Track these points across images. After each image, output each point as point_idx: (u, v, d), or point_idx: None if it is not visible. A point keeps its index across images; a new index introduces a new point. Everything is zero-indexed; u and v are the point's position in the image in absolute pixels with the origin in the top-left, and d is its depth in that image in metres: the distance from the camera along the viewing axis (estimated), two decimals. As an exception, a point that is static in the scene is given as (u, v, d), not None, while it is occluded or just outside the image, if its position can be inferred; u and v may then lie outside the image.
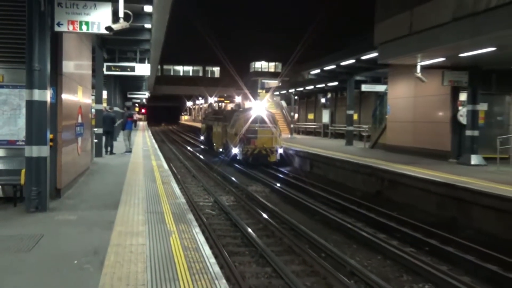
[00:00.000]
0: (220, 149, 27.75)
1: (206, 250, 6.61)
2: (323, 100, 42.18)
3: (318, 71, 31.44)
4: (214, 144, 30.26)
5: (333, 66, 27.68)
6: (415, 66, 17.39)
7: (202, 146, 36.65)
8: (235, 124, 23.92)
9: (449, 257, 9.44)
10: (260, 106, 25.31)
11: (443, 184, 12.85)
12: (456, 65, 17.61)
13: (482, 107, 18.48)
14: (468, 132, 17.81)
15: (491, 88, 19.43)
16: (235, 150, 23.44)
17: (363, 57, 22.61)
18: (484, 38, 13.01)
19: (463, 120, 18.44)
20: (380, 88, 27.63)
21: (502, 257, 9.03)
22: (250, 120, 23.38)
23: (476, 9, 12.98)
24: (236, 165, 24.03)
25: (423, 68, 17.47)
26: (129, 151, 21.64)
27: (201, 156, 28.94)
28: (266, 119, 23.77)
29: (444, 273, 8.21)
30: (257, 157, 22.94)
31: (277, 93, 52.76)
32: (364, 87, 28.34)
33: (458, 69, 17.84)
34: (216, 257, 7.27)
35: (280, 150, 23.48)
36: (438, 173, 14.47)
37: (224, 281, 5.46)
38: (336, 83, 32.61)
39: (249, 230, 11.00)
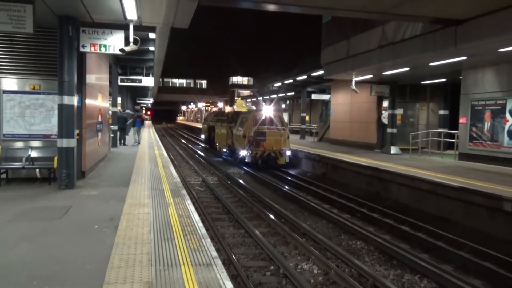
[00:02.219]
0: (224, 150, 21.90)
1: (196, 217, 6.61)
2: (283, 106, 42.40)
3: (279, 84, 31.47)
4: (217, 144, 23.91)
5: (291, 80, 27.74)
6: (351, 81, 17.57)
7: (195, 140, 35.68)
8: (243, 126, 18.13)
9: (374, 221, 9.64)
10: (268, 108, 18.74)
11: (370, 167, 13.06)
12: (380, 81, 17.88)
13: (399, 111, 18.90)
14: (389, 130, 18.12)
15: (405, 97, 19.87)
16: (243, 153, 17.60)
17: (313, 74, 22.73)
18: (400, 61, 13.23)
19: (385, 121, 18.75)
20: (325, 97, 27.93)
21: (412, 220, 9.28)
22: (259, 121, 17.75)
23: (395, 39, 13.20)
24: (218, 153, 23.65)
25: (357, 82, 17.68)
26: (138, 143, 21.40)
27: (193, 147, 28.75)
28: (275, 121, 18.16)
29: (371, 233, 8.39)
30: (266, 160, 17.40)
31: (249, 100, 52.71)
32: (314, 96, 28.62)
33: (382, 84, 18.11)
34: (203, 222, 7.26)
35: (288, 153, 17.77)
36: (366, 159, 14.70)
37: (209, 240, 5.48)
38: (293, 93, 32.77)
39: (228, 202, 11.04)
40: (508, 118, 12.97)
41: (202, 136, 31.44)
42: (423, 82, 19.00)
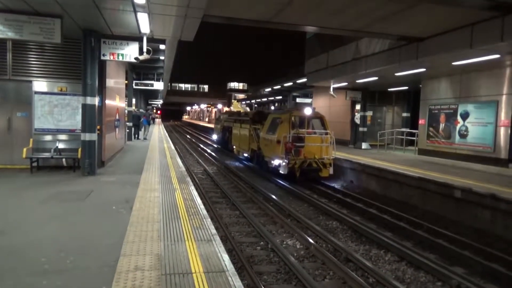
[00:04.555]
0: (245, 154, 16.22)
1: (198, 200, 6.61)
2: (272, 108, 42.33)
3: (269, 89, 31.40)
4: (235, 147, 17.93)
5: (279, 86, 27.70)
6: (330, 87, 17.61)
7: (198, 136, 35.37)
8: (276, 129, 12.22)
9: (347, 205, 9.67)
10: (307, 108, 12.93)
11: (344, 160, 13.09)
12: (354, 87, 17.91)
13: (369, 113, 18.96)
14: (361, 129, 18.21)
15: (375, 102, 19.91)
16: (276, 162, 11.85)
17: (298, 81, 22.70)
18: (370, 72, 13.27)
19: (357, 121, 18.82)
20: (308, 100, 27.90)
21: (379, 204, 9.35)
22: (297, 124, 12.20)
23: (366, 53, 13.23)
24: (216, 146, 23.38)
25: (334, 88, 17.71)
26: (144, 138, 21.19)
27: (196, 142, 28.62)
28: (315, 123, 12.66)
29: (344, 214, 8.44)
30: (306, 172, 11.83)
31: (244, 102, 52.58)
32: (298, 100, 28.53)
33: (355, 90, 18.14)
34: (204, 204, 7.27)
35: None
36: (342, 153, 14.72)
37: (209, 220, 5.48)
38: (280, 97, 32.74)
39: (225, 188, 11.03)
40: (459, 120, 13.10)
41: (214, 137, 24.75)
42: (389, 89, 19.07)
